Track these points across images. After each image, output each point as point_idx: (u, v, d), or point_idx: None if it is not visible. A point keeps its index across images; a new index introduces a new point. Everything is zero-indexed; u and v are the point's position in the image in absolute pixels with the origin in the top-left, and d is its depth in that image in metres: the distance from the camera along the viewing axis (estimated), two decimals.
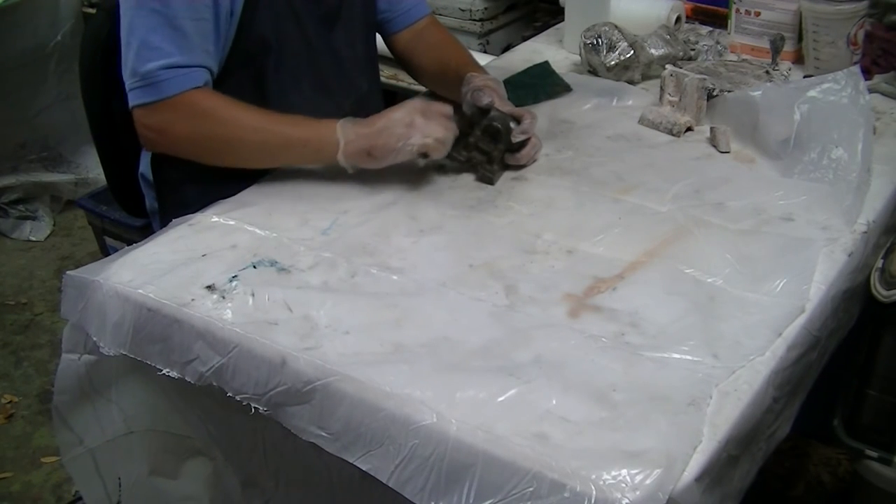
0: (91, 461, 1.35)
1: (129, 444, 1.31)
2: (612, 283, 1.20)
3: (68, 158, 3.10)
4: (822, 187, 1.38)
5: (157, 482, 1.33)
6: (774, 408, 1.11)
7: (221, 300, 1.17)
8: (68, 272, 1.25)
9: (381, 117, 1.38)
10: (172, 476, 1.32)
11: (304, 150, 1.38)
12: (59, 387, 1.31)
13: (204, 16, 1.35)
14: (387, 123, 1.36)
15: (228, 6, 1.38)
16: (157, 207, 1.64)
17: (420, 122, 1.36)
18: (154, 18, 1.31)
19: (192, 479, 1.31)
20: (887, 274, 1.30)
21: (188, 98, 1.35)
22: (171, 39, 1.32)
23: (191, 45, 1.34)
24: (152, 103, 1.35)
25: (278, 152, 1.40)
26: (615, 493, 0.89)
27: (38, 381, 2.39)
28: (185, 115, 1.36)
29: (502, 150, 1.45)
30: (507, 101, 1.50)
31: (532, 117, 1.48)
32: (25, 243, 2.97)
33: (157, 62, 1.32)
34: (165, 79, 1.33)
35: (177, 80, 1.33)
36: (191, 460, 1.31)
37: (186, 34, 1.33)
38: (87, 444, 1.34)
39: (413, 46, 1.70)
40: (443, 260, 1.26)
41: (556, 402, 1.00)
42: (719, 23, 1.96)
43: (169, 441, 1.29)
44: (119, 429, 1.31)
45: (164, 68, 1.33)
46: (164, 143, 1.42)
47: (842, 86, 1.47)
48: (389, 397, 1.01)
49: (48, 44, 2.91)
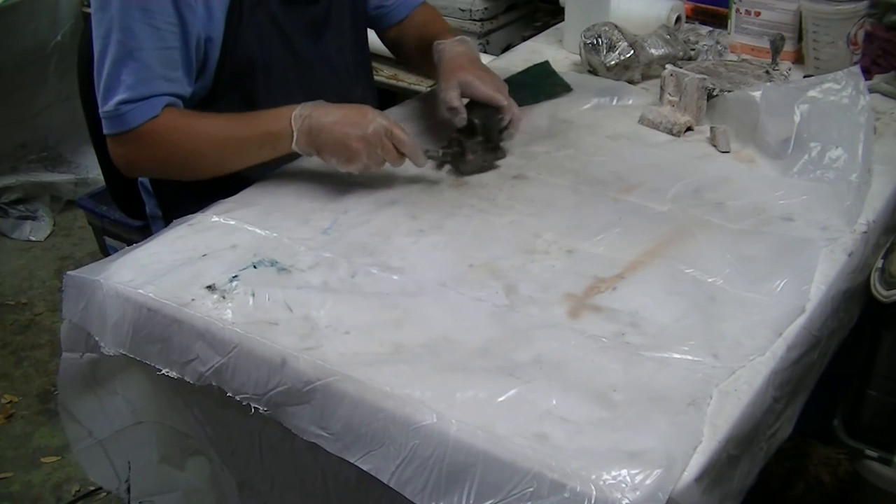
0: (101, 449, 1.35)
1: (138, 434, 1.31)
2: (612, 282, 1.20)
3: (68, 158, 3.10)
4: (822, 187, 1.38)
5: (165, 469, 1.33)
6: (775, 408, 1.11)
7: (221, 300, 1.17)
8: (68, 272, 1.25)
9: (340, 120, 1.33)
10: (179, 468, 1.33)
11: (260, 150, 1.39)
12: (63, 384, 1.31)
13: (171, 44, 1.36)
14: (342, 128, 1.33)
15: (203, 33, 1.39)
16: (158, 213, 1.64)
17: (374, 137, 1.33)
18: (118, 50, 1.34)
19: (195, 475, 1.32)
20: (887, 274, 1.30)
21: (147, 128, 1.37)
22: (133, 71, 1.34)
23: (152, 76, 1.36)
24: (118, 135, 1.38)
25: (238, 156, 1.41)
26: (615, 493, 0.89)
27: (38, 381, 2.39)
28: (146, 144, 1.38)
29: (481, 143, 1.46)
30: (486, 80, 1.47)
31: (508, 101, 1.46)
32: (25, 243, 2.97)
33: (117, 97, 1.35)
34: (125, 112, 1.36)
35: (135, 113, 1.36)
36: (192, 458, 1.31)
37: (149, 66, 1.35)
38: (95, 435, 1.34)
39: (403, 33, 1.69)
40: (443, 260, 1.26)
41: (556, 402, 1.00)
42: (719, 23, 1.96)
43: (175, 435, 1.29)
44: (127, 419, 1.31)
45: (122, 103, 1.35)
46: (136, 170, 1.51)
47: (842, 86, 1.47)
48: (389, 397, 1.01)
49: (48, 44, 2.91)
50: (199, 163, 1.41)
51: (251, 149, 1.39)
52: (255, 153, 1.39)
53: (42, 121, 3.01)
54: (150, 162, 1.43)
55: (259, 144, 1.38)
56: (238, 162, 1.42)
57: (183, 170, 1.44)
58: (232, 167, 1.42)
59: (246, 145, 1.39)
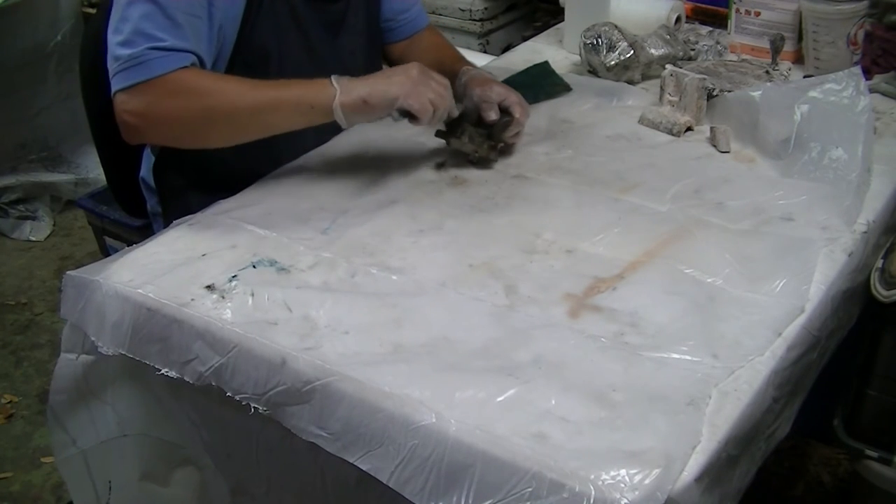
0: (83, 463, 1.34)
1: (121, 448, 1.31)
2: (611, 282, 1.20)
3: (68, 158, 3.10)
4: (822, 187, 1.38)
5: (147, 487, 1.33)
6: (774, 408, 1.11)
7: (221, 300, 1.17)
8: (68, 272, 1.25)
9: (378, 73, 1.40)
10: (162, 483, 1.32)
11: (296, 108, 1.34)
12: (56, 386, 1.31)
13: (199, 14, 1.34)
14: (386, 74, 1.39)
15: (224, 13, 1.37)
16: (158, 210, 1.64)
17: (419, 78, 1.37)
18: (148, 7, 1.29)
19: (181, 487, 1.31)
20: (887, 274, 1.30)
21: (174, 77, 1.31)
22: (163, 27, 1.30)
23: (183, 35, 1.32)
24: (136, 85, 1.30)
25: (270, 116, 1.35)
26: (614, 493, 0.89)
27: (38, 381, 2.39)
28: (170, 92, 1.31)
29: (482, 135, 1.49)
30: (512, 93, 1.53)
31: (520, 106, 1.51)
32: (25, 243, 2.97)
33: (144, 45, 1.29)
34: (153, 58, 1.29)
35: (164, 60, 1.30)
36: (180, 469, 1.30)
37: (180, 24, 1.31)
38: (79, 445, 1.34)
39: (409, 53, 1.70)
40: (442, 260, 1.26)
41: (555, 402, 1.00)
42: (719, 23, 1.96)
43: (160, 447, 1.29)
44: (112, 431, 1.31)
45: (151, 49, 1.29)
46: (145, 128, 1.36)
47: (842, 86, 1.47)
48: (389, 397, 1.01)
49: (48, 44, 2.91)
50: (224, 122, 1.34)
51: (286, 109, 1.34)
52: (290, 114, 1.35)
53: (42, 121, 3.01)
54: (171, 112, 1.32)
55: (297, 103, 1.34)
56: (268, 124, 1.36)
57: (203, 129, 1.36)
58: (259, 131, 1.36)
59: (282, 104, 1.34)
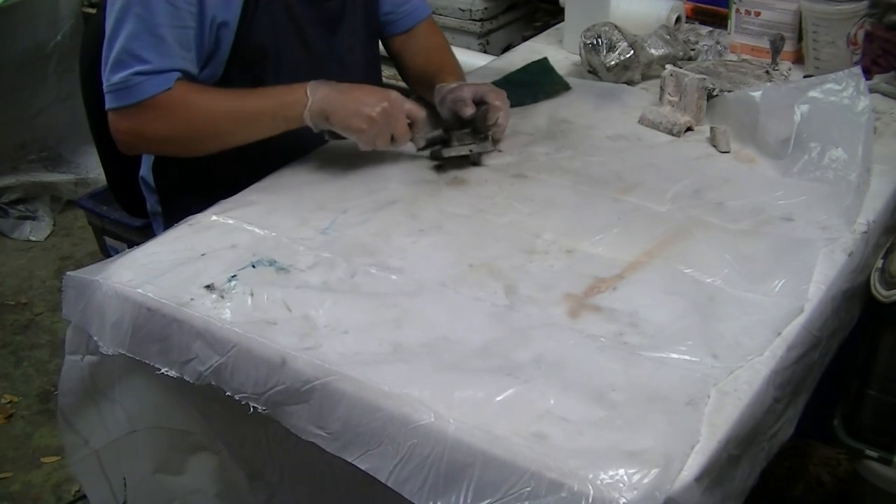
0: (96, 462, 1.35)
1: (133, 443, 1.31)
2: (611, 282, 1.20)
3: (68, 158, 3.10)
4: (822, 187, 1.38)
5: (161, 479, 1.33)
6: (776, 408, 1.11)
7: (220, 300, 1.17)
8: (68, 272, 1.26)
9: (358, 90, 1.40)
10: (177, 472, 1.32)
11: (273, 119, 1.40)
12: (63, 389, 1.31)
13: (187, 24, 1.37)
14: (359, 97, 1.39)
15: (219, 17, 1.40)
16: (158, 210, 1.64)
17: (383, 119, 1.37)
18: (136, 24, 1.34)
19: (198, 473, 1.31)
20: (887, 274, 1.30)
21: (159, 99, 1.37)
22: (150, 46, 1.35)
23: (168, 52, 1.36)
24: (125, 107, 1.38)
25: (251, 127, 1.41)
26: (613, 492, 0.89)
27: (38, 381, 2.39)
28: (158, 115, 1.38)
29: (468, 133, 1.48)
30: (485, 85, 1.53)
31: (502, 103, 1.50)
32: (25, 243, 2.97)
33: (130, 69, 1.35)
34: (137, 83, 1.36)
35: (148, 84, 1.36)
36: (195, 455, 1.30)
37: (165, 41, 1.36)
38: (92, 444, 1.34)
39: (406, 48, 1.70)
40: (442, 260, 1.26)
41: (554, 401, 1.00)
42: (719, 23, 1.96)
43: (173, 438, 1.29)
44: (123, 428, 1.31)
45: (135, 74, 1.35)
46: (139, 145, 1.47)
47: (842, 86, 1.47)
48: (388, 397, 1.01)
49: (48, 44, 2.91)
50: (209, 135, 1.42)
51: (265, 120, 1.40)
52: (268, 124, 1.40)
53: (42, 121, 3.01)
54: (161, 132, 1.41)
55: (273, 114, 1.39)
56: (249, 134, 1.42)
57: (191, 143, 1.43)
58: (242, 139, 1.42)
59: (260, 116, 1.40)
